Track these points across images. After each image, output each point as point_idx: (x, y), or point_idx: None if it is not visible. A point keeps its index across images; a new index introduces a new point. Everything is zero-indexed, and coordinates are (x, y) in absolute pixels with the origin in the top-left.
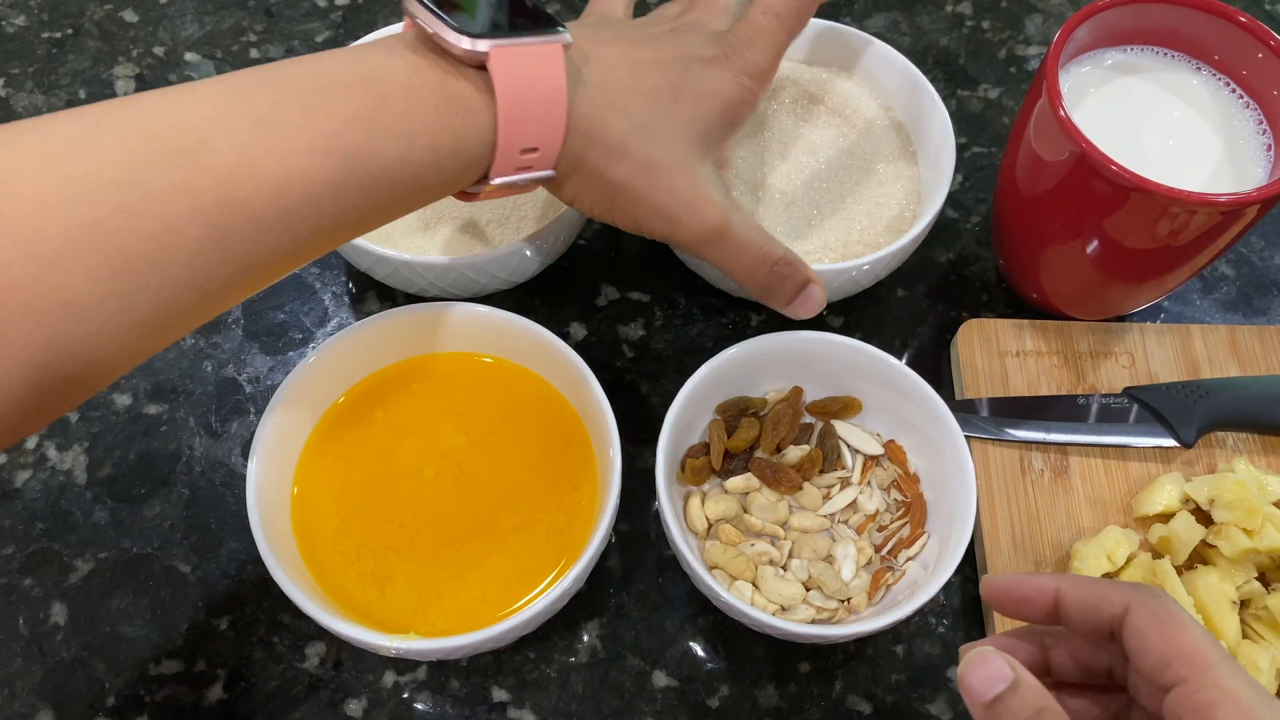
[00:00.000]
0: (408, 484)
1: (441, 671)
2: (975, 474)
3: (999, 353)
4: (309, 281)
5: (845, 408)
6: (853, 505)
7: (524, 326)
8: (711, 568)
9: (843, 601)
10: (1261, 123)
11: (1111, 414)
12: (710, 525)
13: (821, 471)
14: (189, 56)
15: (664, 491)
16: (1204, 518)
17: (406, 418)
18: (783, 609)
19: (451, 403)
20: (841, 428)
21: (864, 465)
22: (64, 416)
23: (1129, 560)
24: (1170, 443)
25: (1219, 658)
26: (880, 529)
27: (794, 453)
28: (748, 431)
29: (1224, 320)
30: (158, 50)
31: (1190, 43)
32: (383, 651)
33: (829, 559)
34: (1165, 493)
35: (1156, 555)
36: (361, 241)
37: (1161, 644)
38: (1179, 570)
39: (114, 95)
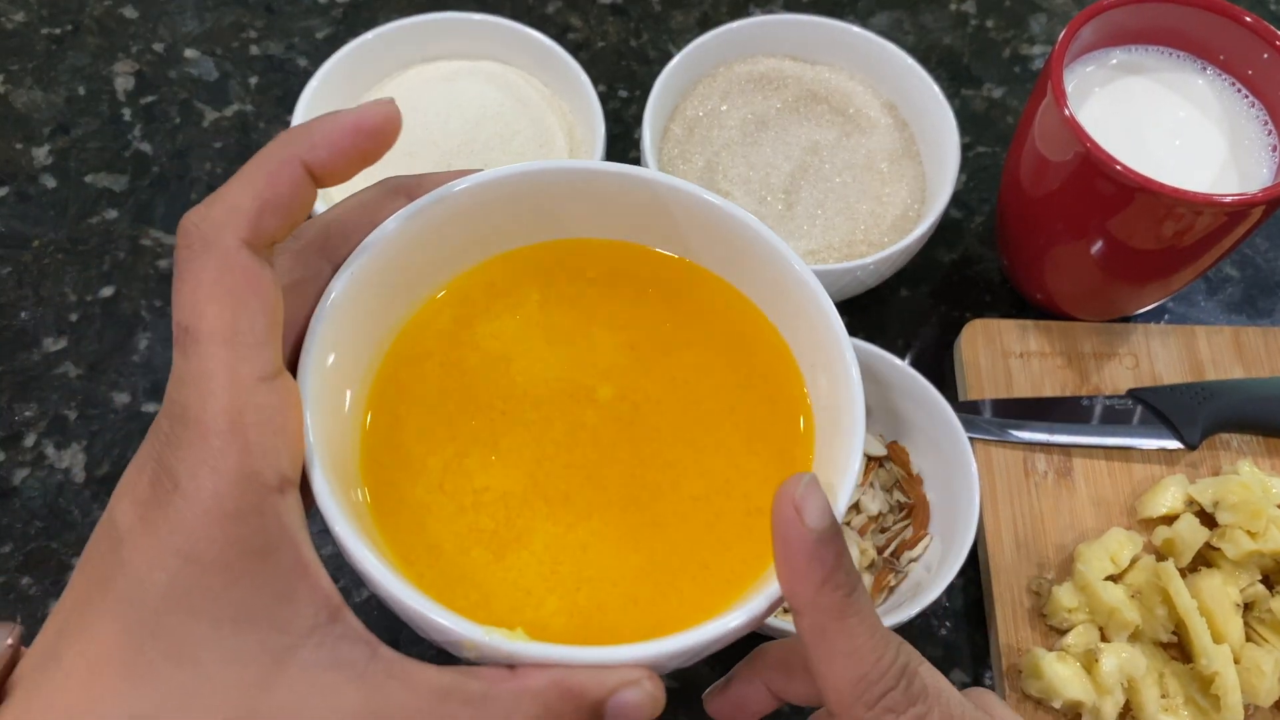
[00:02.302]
0: (549, 411)
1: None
2: (979, 475)
3: (1003, 353)
4: None
5: None
6: (855, 507)
7: (723, 212)
8: None
9: None
10: (1267, 123)
11: (1115, 415)
12: None
13: None
14: (189, 53)
15: None
16: (1208, 520)
17: (544, 321)
18: (785, 610)
19: (610, 307)
20: None
21: (867, 466)
22: (62, 415)
23: (1132, 563)
24: (1174, 444)
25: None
26: (882, 530)
27: None
28: None
29: (1228, 321)
30: (157, 47)
31: (1195, 42)
32: (461, 650)
33: None
34: (1169, 495)
35: (1160, 557)
36: None
37: (801, 684)
38: (1183, 573)
39: (114, 92)
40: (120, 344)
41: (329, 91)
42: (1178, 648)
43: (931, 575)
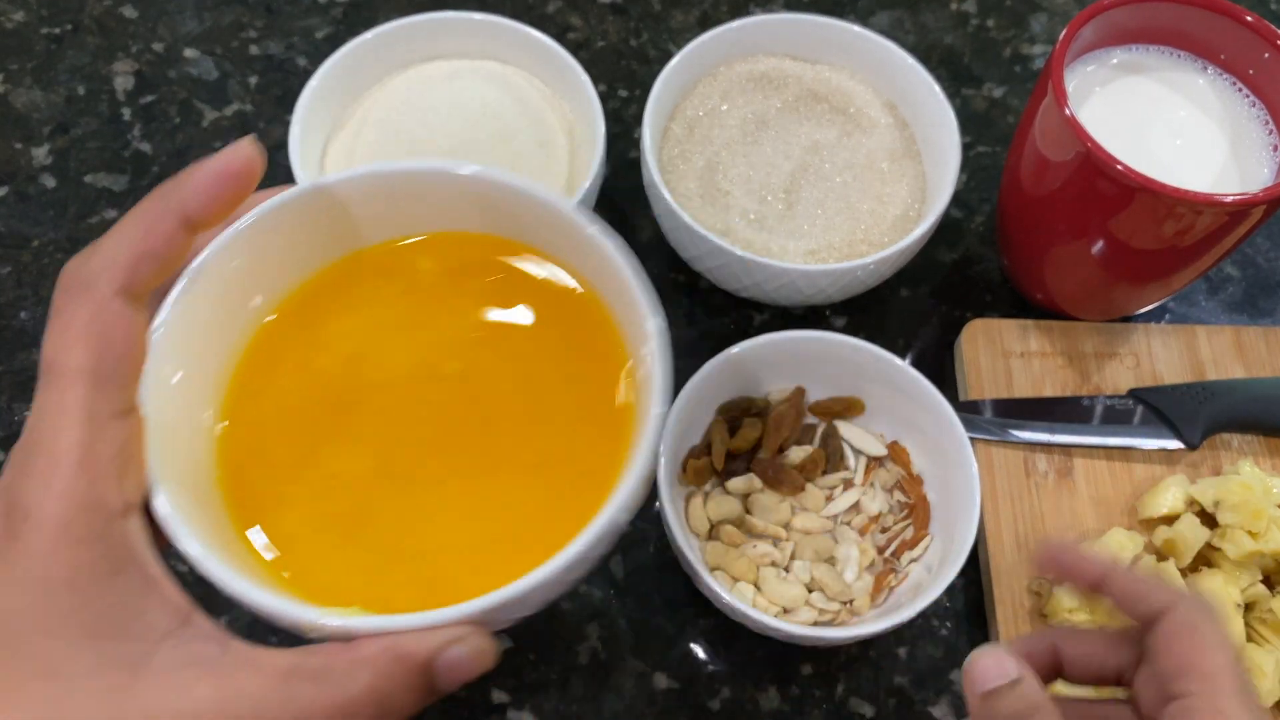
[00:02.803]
0: (360, 402)
1: None
2: (979, 475)
3: (1003, 353)
4: None
5: (848, 408)
6: (856, 507)
7: (543, 198)
8: (713, 569)
9: (845, 603)
10: (1268, 123)
11: (1116, 415)
12: (712, 526)
13: (824, 472)
14: (188, 53)
15: (666, 492)
16: (1209, 520)
17: (388, 315)
18: (785, 611)
19: (450, 295)
20: (845, 428)
21: (867, 466)
22: None
23: (1133, 562)
24: (1175, 444)
25: (1232, 684)
26: (883, 530)
27: (797, 453)
28: (750, 432)
29: (1229, 321)
30: (157, 46)
31: (1197, 42)
32: (305, 632)
33: (831, 561)
34: (1170, 495)
35: (1161, 558)
36: None
37: (1184, 653)
38: (1184, 573)
39: (113, 92)
40: None
41: (329, 91)
42: None
43: (932, 575)
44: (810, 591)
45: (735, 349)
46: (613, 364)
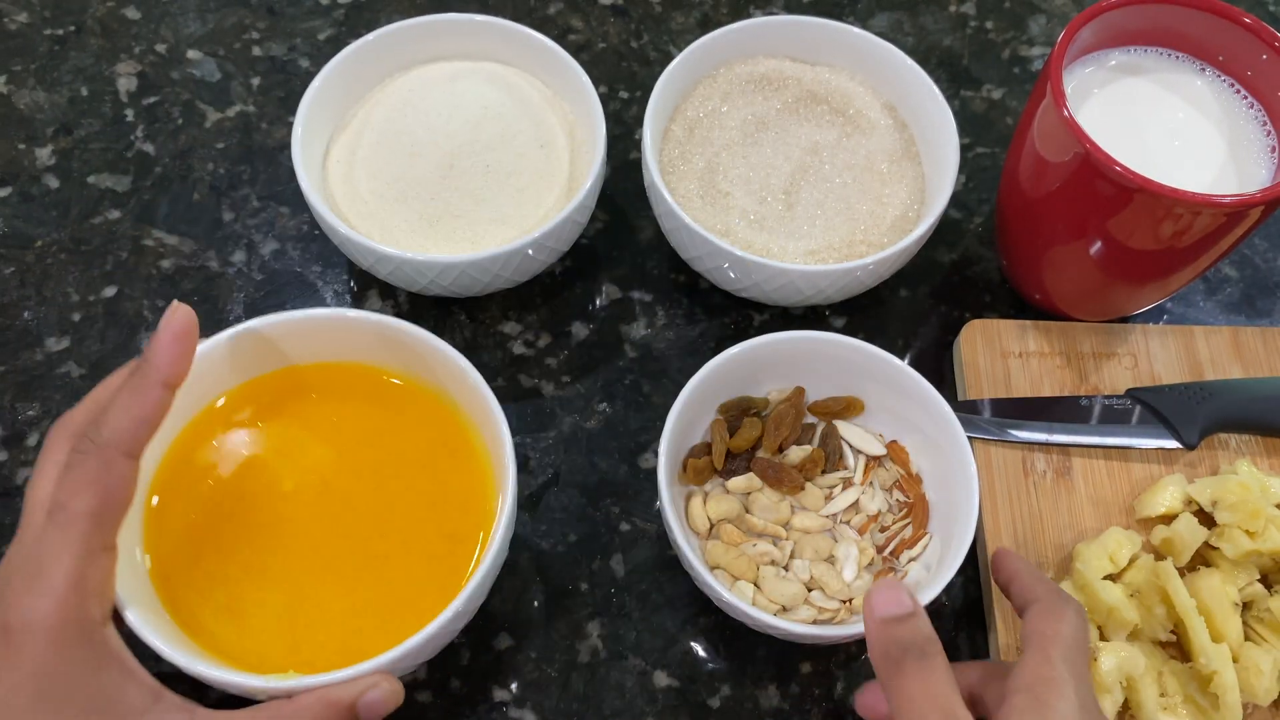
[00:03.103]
0: (268, 504)
1: (442, 671)
2: (978, 475)
3: (1001, 353)
4: (310, 280)
5: (847, 408)
6: (855, 506)
7: (405, 332)
8: (713, 568)
9: (844, 602)
10: (1266, 124)
11: (1114, 415)
12: (712, 525)
13: (824, 472)
14: (191, 54)
15: (665, 491)
16: (1206, 519)
17: (273, 431)
18: (784, 609)
19: (323, 415)
20: (844, 428)
21: (866, 466)
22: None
23: (1131, 562)
24: (1173, 444)
25: (1062, 650)
26: (882, 530)
27: (796, 453)
28: (750, 431)
29: (1227, 322)
30: (160, 48)
31: (1194, 44)
32: (255, 695)
33: (830, 560)
34: (1168, 494)
35: (1159, 557)
36: (363, 239)
37: (1034, 622)
38: (1181, 572)
39: (116, 92)
40: (122, 344)
41: (331, 92)
42: (1176, 647)
43: (931, 574)
44: (809, 590)
45: (735, 349)
46: (476, 491)
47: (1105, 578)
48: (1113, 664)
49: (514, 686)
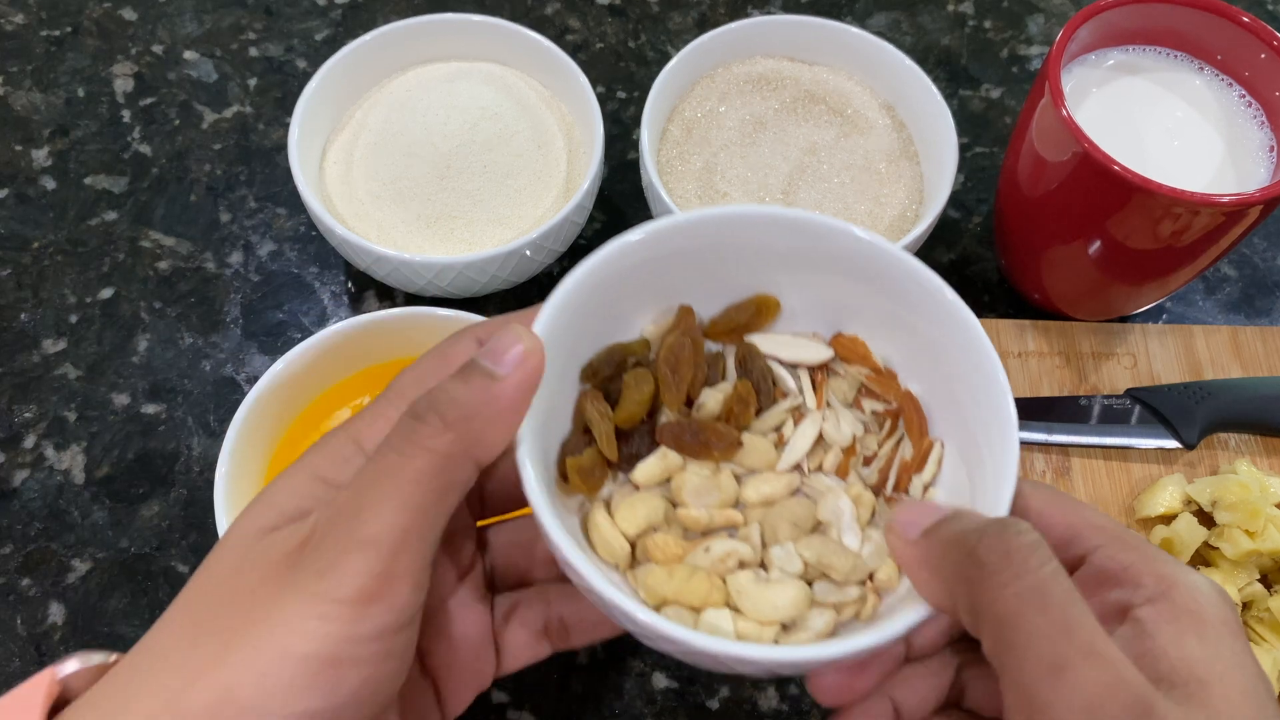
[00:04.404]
0: None
1: None
2: None
3: (1001, 353)
4: (308, 280)
5: (758, 313)
6: (820, 442)
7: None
8: (659, 607)
9: (864, 581)
10: (1264, 123)
11: (1113, 415)
12: (634, 545)
13: (759, 411)
14: (188, 55)
15: (547, 521)
16: (1206, 519)
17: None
18: (784, 628)
19: None
20: (764, 343)
21: (814, 381)
22: (62, 416)
23: None
24: (1172, 444)
25: (1122, 529)
26: (867, 461)
27: (712, 398)
28: (637, 391)
29: (1226, 321)
30: (156, 49)
31: (1193, 43)
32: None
33: (819, 529)
34: (1167, 494)
35: None
36: (361, 240)
37: (1065, 519)
38: None
39: (113, 93)
40: (120, 345)
41: (328, 93)
42: None
43: (974, 492)
44: (810, 584)
45: (568, 282)
46: None
47: None
48: None
49: (512, 688)
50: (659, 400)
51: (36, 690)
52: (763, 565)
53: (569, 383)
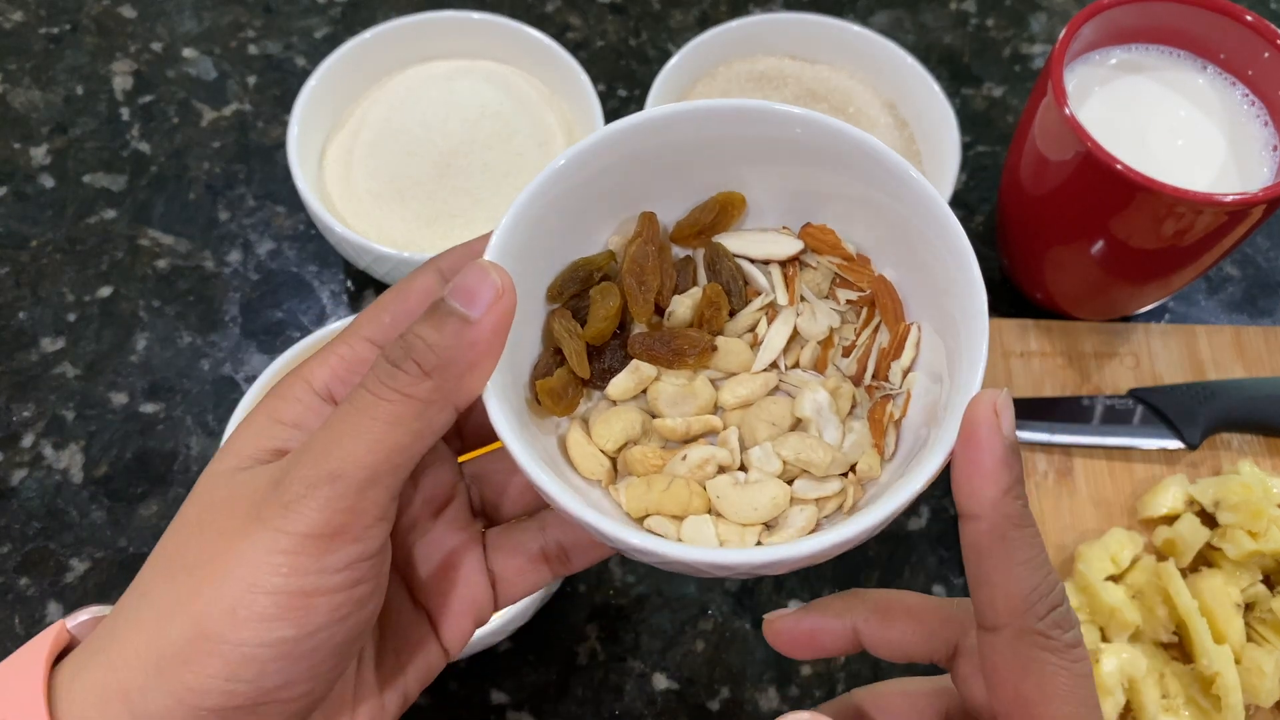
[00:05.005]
0: None
1: (440, 672)
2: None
3: (1003, 353)
4: (307, 280)
5: (724, 211)
6: (795, 338)
7: None
8: (642, 519)
9: (846, 474)
10: (1267, 123)
11: (1116, 415)
12: (613, 460)
13: (732, 313)
14: (187, 52)
15: (519, 448)
16: (1209, 520)
17: None
18: (767, 527)
19: None
20: (732, 242)
21: (785, 276)
22: (60, 415)
23: (1133, 563)
24: (1175, 444)
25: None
26: (846, 351)
27: (682, 305)
28: (605, 305)
29: (1229, 321)
30: (155, 46)
31: (1196, 41)
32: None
33: (799, 426)
34: (1170, 495)
35: (1161, 558)
36: (360, 239)
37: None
38: (1183, 573)
39: (112, 91)
40: (118, 344)
41: (327, 91)
42: (1178, 648)
43: (948, 381)
44: (790, 483)
45: (520, 200)
46: None
47: (1107, 579)
48: (1114, 666)
49: (512, 688)
50: (628, 313)
51: (45, 638)
52: (742, 468)
53: (535, 303)
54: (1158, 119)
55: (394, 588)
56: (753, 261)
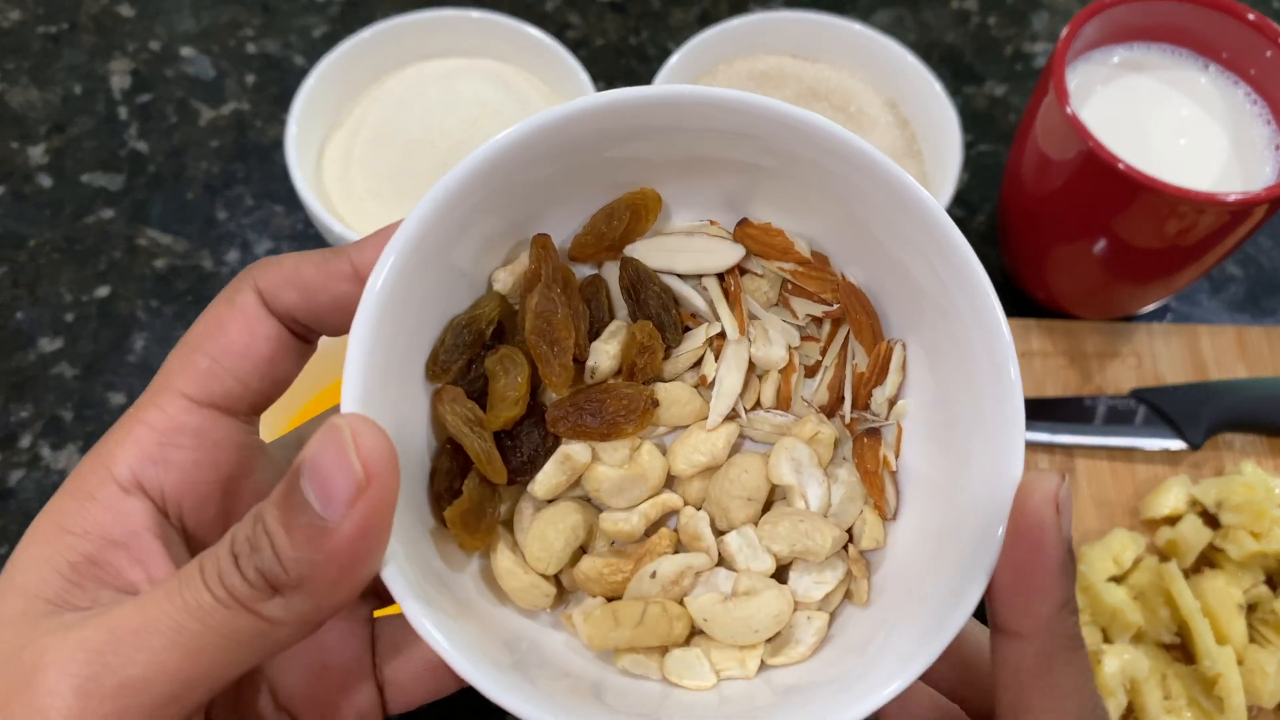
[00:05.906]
0: None
1: None
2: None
3: None
4: None
5: (635, 216)
6: (750, 368)
7: None
8: (614, 656)
9: (846, 547)
10: (1270, 122)
11: (1118, 415)
12: (559, 585)
13: (668, 352)
14: (185, 51)
15: (415, 607)
16: (1211, 521)
17: None
18: (769, 642)
19: None
20: (653, 255)
21: (725, 292)
22: (58, 415)
23: (1135, 563)
24: (1177, 445)
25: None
26: (809, 372)
27: (606, 356)
28: (510, 381)
29: (1232, 320)
30: (154, 45)
31: (1198, 40)
32: None
33: (776, 494)
34: (1172, 495)
35: (1163, 558)
36: (359, 238)
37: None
38: (1186, 574)
39: (110, 90)
40: (116, 344)
41: (326, 90)
42: (1180, 649)
43: (958, 445)
44: (788, 571)
45: (379, 275)
46: None
47: (1109, 579)
48: (1116, 667)
49: None
50: (538, 377)
51: None
52: (720, 558)
53: (415, 389)
54: (1160, 118)
55: (248, 692)
56: (683, 278)
